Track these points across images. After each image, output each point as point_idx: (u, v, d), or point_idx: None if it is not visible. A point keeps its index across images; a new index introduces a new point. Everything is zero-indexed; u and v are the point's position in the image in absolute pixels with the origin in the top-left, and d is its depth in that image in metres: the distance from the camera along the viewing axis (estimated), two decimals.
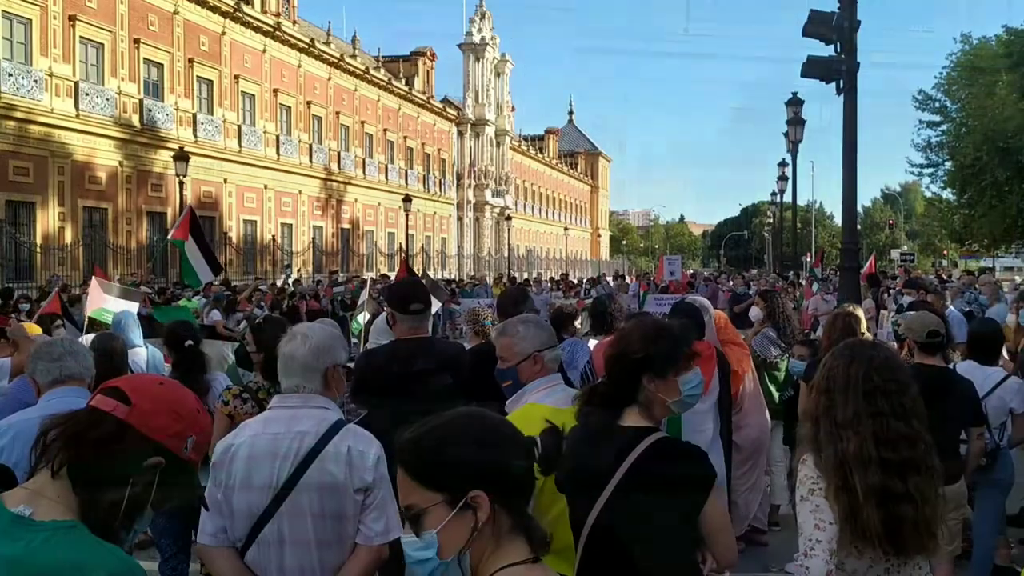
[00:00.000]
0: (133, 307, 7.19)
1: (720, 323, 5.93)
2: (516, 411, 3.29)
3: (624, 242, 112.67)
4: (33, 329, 5.29)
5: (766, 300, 7.04)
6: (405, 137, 49.35)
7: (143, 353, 6.25)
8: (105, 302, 7.35)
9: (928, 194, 50.91)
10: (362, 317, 11.26)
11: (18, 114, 23.78)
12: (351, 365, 4.03)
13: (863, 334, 6.31)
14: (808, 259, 51.38)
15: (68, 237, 25.57)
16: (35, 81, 24.31)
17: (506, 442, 1.62)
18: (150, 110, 28.86)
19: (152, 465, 1.65)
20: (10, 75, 23.48)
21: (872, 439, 2.40)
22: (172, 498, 1.75)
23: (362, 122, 44.17)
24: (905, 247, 58.36)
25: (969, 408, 4.33)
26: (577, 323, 8.63)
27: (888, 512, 2.33)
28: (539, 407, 3.21)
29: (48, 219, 25.23)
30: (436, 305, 9.38)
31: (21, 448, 2.85)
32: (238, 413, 3.77)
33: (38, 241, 24.59)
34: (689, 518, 2.48)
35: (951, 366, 4.96)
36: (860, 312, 6.74)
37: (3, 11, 23.42)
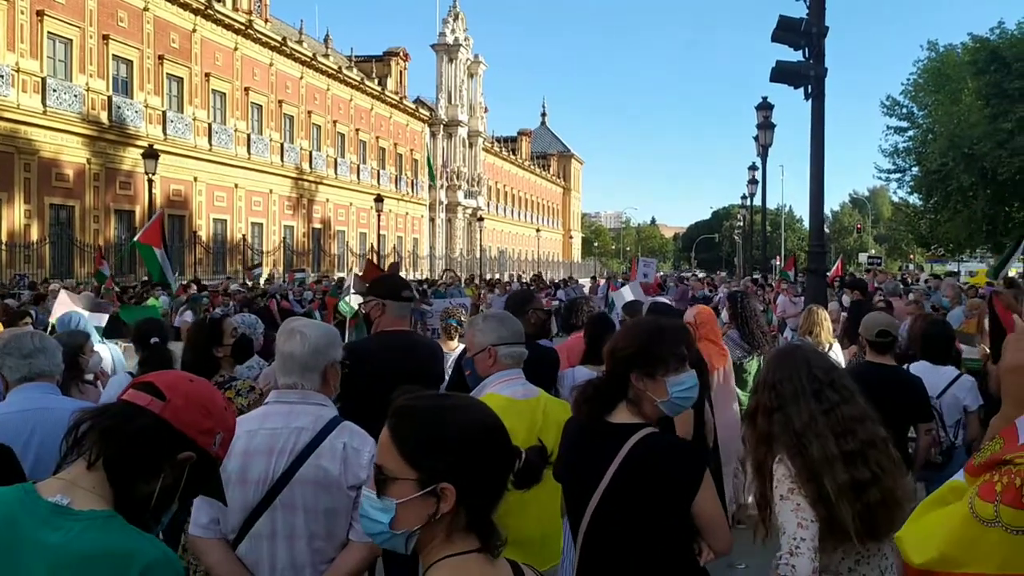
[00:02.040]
0: (100, 319, 7.14)
1: (702, 318, 6.02)
2: None
3: (596, 244, 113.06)
4: None
5: (731, 302, 7.13)
6: (377, 137, 49.20)
7: (105, 351, 6.21)
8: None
9: (895, 199, 51.71)
10: (355, 300, 10.91)
11: None
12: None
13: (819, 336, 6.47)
14: (778, 262, 51.91)
15: (34, 235, 25.22)
16: (1, 76, 23.94)
17: (494, 448, 1.65)
18: (119, 107, 28.53)
19: (183, 459, 1.70)
20: None
21: (832, 436, 2.48)
22: (197, 492, 1.82)
23: (334, 122, 43.97)
24: (873, 251, 59.12)
25: (917, 404, 4.43)
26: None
27: (861, 504, 2.41)
28: (496, 397, 3.31)
29: (14, 216, 24.86)
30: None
31: None
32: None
33: (3, 239, 24.22)
34: (680, 511, 2.52)
35: (904, 367, 5.08)
36: (825, 313, 6.89)
37: None
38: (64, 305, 6.88)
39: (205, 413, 1.75)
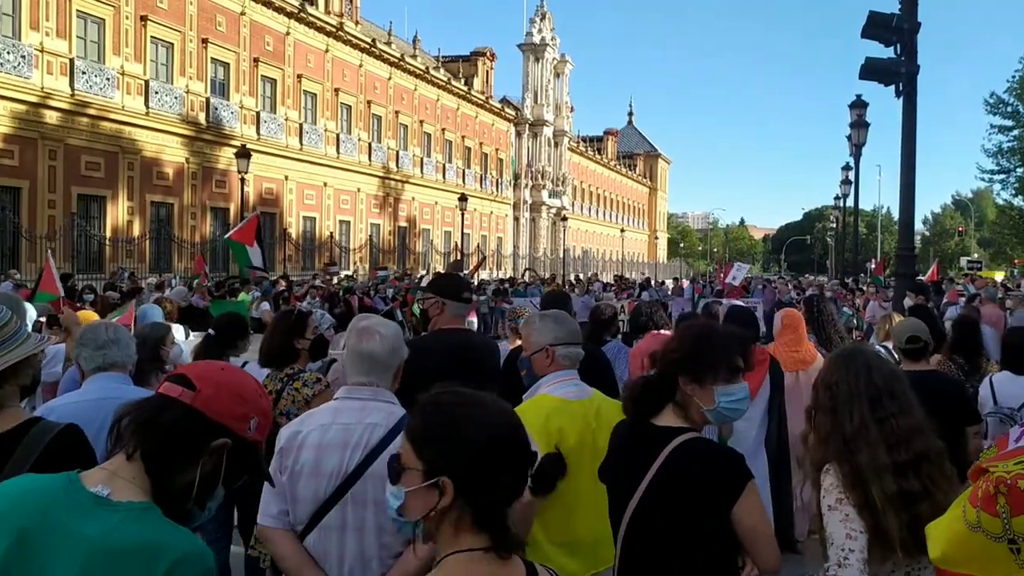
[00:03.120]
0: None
1: (787, 322, 5.89)
2: (526, 401, 3.36)
3: (682, 245, 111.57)
4: (87, 316, 5.49)
5: (808, 306, 6.94)
6: (463, 137, 49.66)
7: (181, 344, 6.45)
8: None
9: (1000, 201, 49.37)
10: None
11: (91, 111, 24.62)
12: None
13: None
14: (873, 265, 50.22)
15: (136, 230, 26.39)
16: (107, 79, 25.13)
17: (503, 448, 1.65)
18: (216, 108, 29.60)
19: (218, 446, 1.74)
20: (84, 73, 24.32)
21: (883, 444, 2.40)
22: (240, 477, 1.85)
23: (421, 121, 44.60)
24: (975, 255, 56.61)
25: (961, 407, 4.23)
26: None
27: (909, 515, 2.32)
28: (549, 398, 3.33)
29: (118, 213, 26.06)
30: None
31: None
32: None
33: (107, 234, 25.42)
34: (717, 518, 2.46)
35: (987, 378, 4.84)
36: (896, 318, 6.63)
37: (78, 11, 24.27)
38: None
39: (238, 400, 1.78)
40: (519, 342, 6.24)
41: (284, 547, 2.81)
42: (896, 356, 6.08)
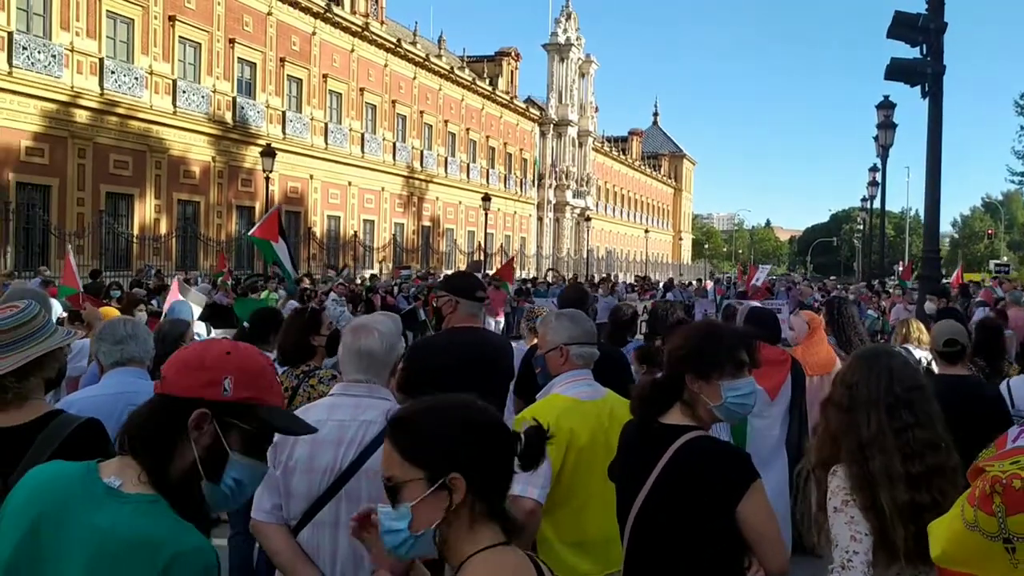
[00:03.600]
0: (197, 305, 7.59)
1: (813, 325, 5.88)
2: (539, 401, 3.36)
3: (707, 246, 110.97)
4: (109, 312, 5.58)
5: (829, 309, 6.90)
6: (487, 136, 49.73)
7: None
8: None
9: None
10: None
11: (120, 110, 24.92)
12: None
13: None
14: (901, 268, 49.73)
15: (163, 228, 26.68)
16: (136, 78, 25.43)
17: (491, 433, 1.68)
18: (242, 108, 29.86)
19: (196, 418, 1.72)
20: (113, 72, 24.62)
21: (898, 454, 2.37)
22: (262, 440, 1.82)
23: (445, 121, 44.71)
24: (1005, 258, 55.75)
25: (994, 414, 4.17)
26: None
27: (917, 528, 2.30)
28: (561, 397, 3.34)
29: (145, 211, 26.36)
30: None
31: None
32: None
33: (135, 232, 25.73)
34: (722, 517, 2.45)
35: (1005, 381, 4.79)
36: (919, 325, 6.57)
37: (107, 11, 24.57)
38: (174, 296, 7.26)
39: (198, 367, 1.76)
40: (536, 341, 6.27)
41: (277, 542, 2.81)
42: (915, 358, 6.07)
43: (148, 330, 3.69)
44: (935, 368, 5.91)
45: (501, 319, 19.57)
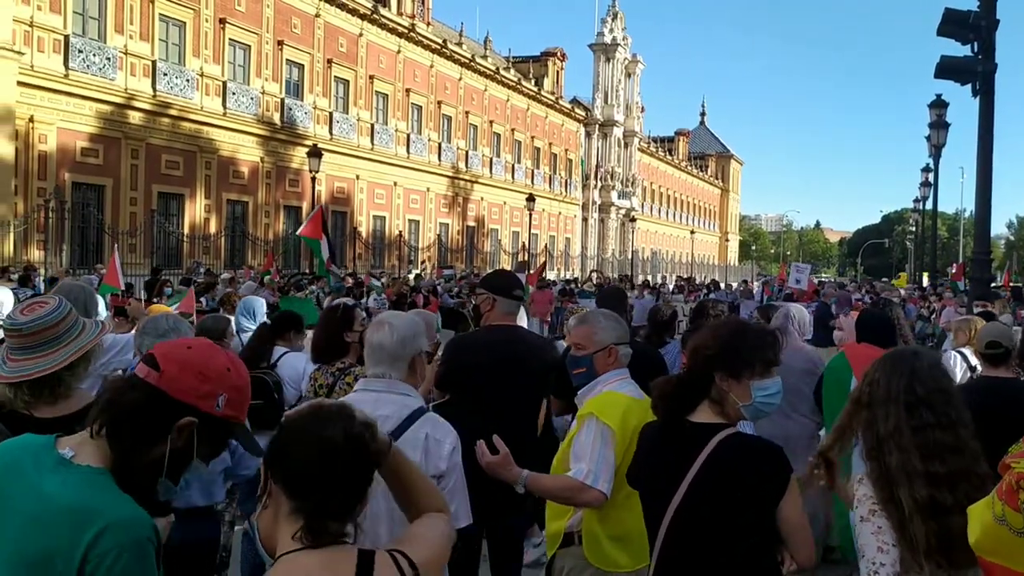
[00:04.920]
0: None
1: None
2: (597, 397, 3.39)
3: (754, 247, 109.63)
4: (158, 309, 5.71)
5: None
6: (533, 137, 49.74)
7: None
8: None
9: None
10: None
11: (171, 111, 25.49)
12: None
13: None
14: (954, 270, 48.68)
15: (212, 227, 27.21)
16: (187, 80, 25.97)
17: (309, 436, 1.75)
18: (290, 109, 30.30)
19: (184, 425, 1.77)
20: (165, 75, 25.18)
21: (916, 452, 2.34)
22: (217, 451, 1.91)
23: (491, 122, 44.83)
24: None
25: None
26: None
27: (939, 524, 2.26)
28: (618, 395, 3.37)
29: (195, 210, 26.92)
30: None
31: None
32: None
33: (185, 231, 26.27)
34: (765, 516, 2.46)
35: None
36: (979, 323, 6.41)
37: (160, 14, 25.14)
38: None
39: (201, 378, 1.79)
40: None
41: None
42: (972, 361, 5.94)
43: (189, 326, 3.78)
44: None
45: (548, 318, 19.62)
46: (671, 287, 29.60)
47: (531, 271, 24.80)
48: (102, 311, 7.22)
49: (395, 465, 1.96)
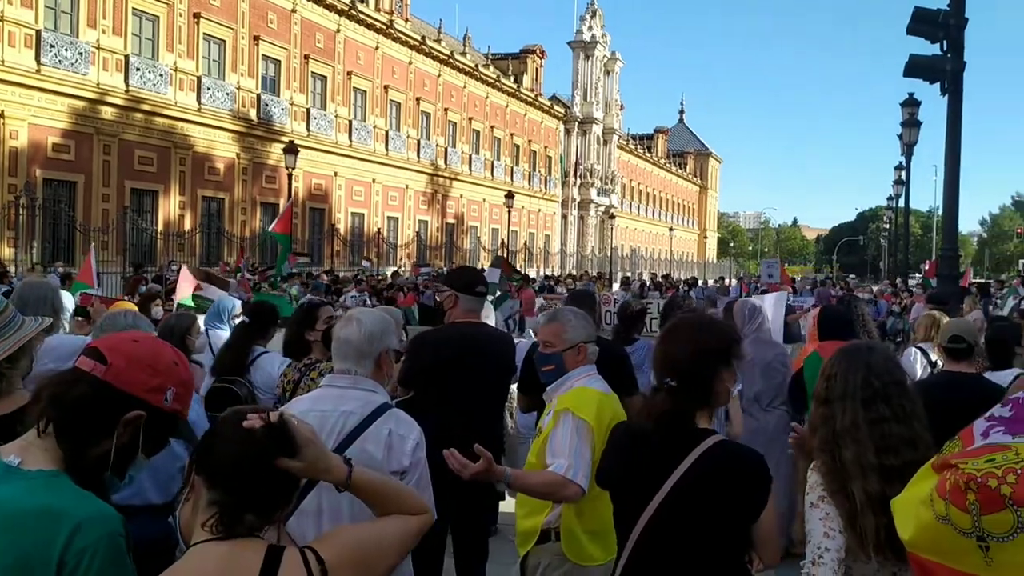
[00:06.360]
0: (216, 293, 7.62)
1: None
2: (570, 392, 3.42)
3: (732, 244, 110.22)
4: (124, 306, 5.63)
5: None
6: (512, 134, 49.72)
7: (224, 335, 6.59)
8: (198, 290, 7.86)
9: None
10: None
11: (145, 107, 25.21)
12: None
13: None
14: (927, 267, 49.14)
15: (187, 224, 26.95)
16: (161, 75, 25.71)
17: (231, 430, 1.74)
18: (267, 105, 30.08)
19: (131, 419, 1.76)
20: (138, 69, 24.92)
21: (872, 447, 2.36)
22: (162, 445, 1.89)
23: (470, 119, 44.76)
24: None
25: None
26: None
27: (889, 519, 2.28)
28: (590, 390, 3.44)
29: (169, 207, 26.66)
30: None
31: None
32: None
33: (159, 228, 26.02)
34: (746, 523, 2.46)
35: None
36: (944, 318, 6.49)
37: (133, 8, 24.87)
38: (187, 282, 7.31)
39: (150, 371, 1.79)
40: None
41: None
42: (932, 357, 6.00)
43: (149, 323, 3.74)
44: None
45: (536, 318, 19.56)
46: (636, 284, 29.33)
47: (519, 266, 24.74)
48: (69, 308, 7.12)
49: (360, 483, 1.98)
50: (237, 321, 5.93)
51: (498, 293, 9.87)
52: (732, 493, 2.43)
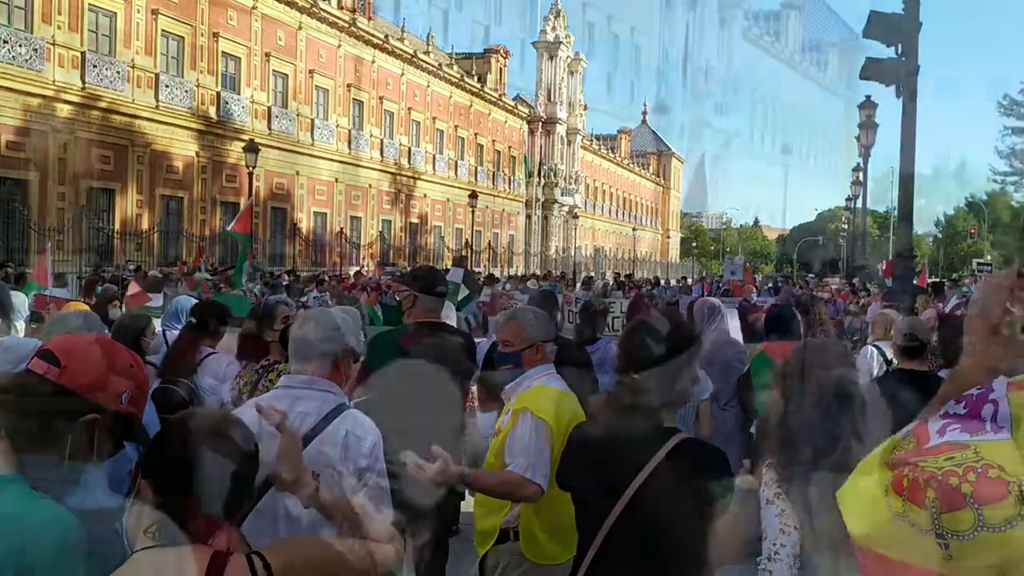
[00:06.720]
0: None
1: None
2: (529, 391, 3.42)
3: (695, 244, 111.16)
4: (74, 307, 5.55)
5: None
6: (476, 134, 49.66)
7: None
8: (149, 300, 7.73)
9: (1015, 203, 49.01)
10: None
11: (101, 104, 24.76)
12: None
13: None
14: (884, 267, 49.88)
15: (145, 224, 26.53)
16: (118, 72, 25.26)
17: (178, 434, 1.75)
18: (227, 103, 29.70)
19: (87, 422, 1.73)
20: (95, 66, 24.47)
21: (825, 444, 2.39)
22: (117, 448, 1.86)
23: (433, 118, 44.62)
24: (988, 257, 56.07)
25: None
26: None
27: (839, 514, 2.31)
28: (549, 389, 3.43)
29: (127, 206, 26.21)
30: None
31: None
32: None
33: (116, 227, 25.56)
34: (711, 519, 2.47)
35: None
36: (896, 317, 6.60)
37: (89, 4, 24.40)
38: (134, 297, 7.21)
39: (105, 373, 1.77)
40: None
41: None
42: (888, 355, 6.10)
43: (100, 322, 3.67)
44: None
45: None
46: (600, 284, 29.34)
47: (482, 266, 24.68)
48: (23, 310, 6.97)
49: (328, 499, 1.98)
50: None
51: (466, 292, 9.82)
52: (701, 489, 2.45)
